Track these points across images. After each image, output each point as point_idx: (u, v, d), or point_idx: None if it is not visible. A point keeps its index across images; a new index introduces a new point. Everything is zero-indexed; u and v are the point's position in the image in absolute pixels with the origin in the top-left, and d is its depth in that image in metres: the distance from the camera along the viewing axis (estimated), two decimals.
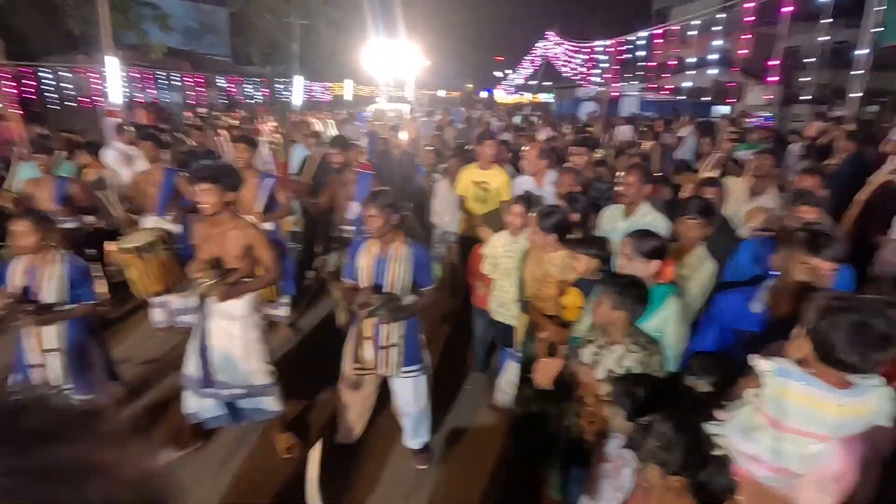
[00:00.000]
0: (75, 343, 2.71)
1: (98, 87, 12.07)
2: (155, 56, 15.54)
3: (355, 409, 3.01)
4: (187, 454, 3.04)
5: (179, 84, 16.66)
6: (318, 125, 9.57)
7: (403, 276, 2.69)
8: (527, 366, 2.95)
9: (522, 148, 4.32)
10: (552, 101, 33.90)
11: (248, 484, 2.91)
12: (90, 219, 4.67)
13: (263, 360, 2.94)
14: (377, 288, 2.66)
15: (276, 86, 22.40)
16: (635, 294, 2.11)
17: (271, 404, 3.05)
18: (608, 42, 9.71)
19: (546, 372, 2.65)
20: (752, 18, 6.56)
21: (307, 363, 4.11)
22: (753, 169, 3.71)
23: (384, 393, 3.09)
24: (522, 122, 12.78)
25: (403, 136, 7.99)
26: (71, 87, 12.81)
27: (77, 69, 12.93)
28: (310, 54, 23.11)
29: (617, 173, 3.63)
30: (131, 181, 4.57)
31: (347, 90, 26.56)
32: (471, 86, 44.59)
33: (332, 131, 10.25)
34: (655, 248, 2.27)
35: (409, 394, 2.91)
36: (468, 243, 4.24)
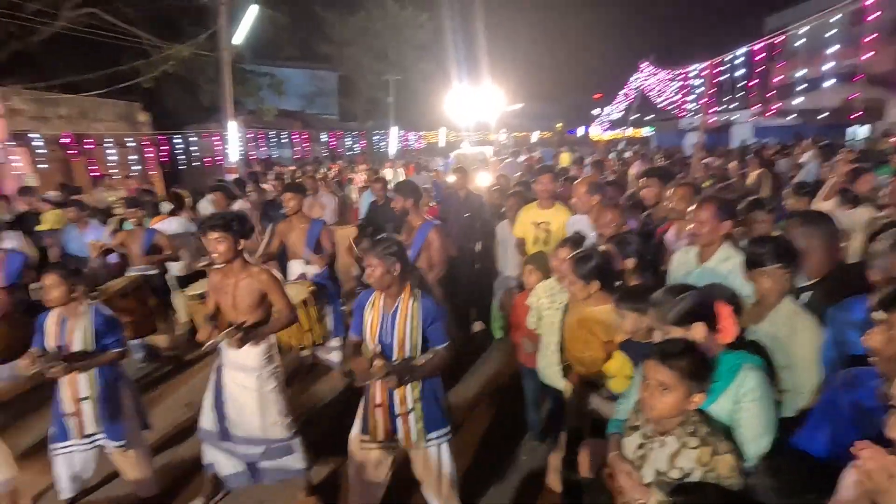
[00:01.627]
0: (107, 390, 2.75)
1: (220, 148, 13.86)
2: (268, 118, 17.51)
3: (365, 487, 2.63)
4: None
5: (288, 141, 18.46)
6: (388, 173, 9.82)
7: (412, 335, 2.37)
8: (574, 443, 2.44)
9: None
10: (652, 134, 32.20)
11: None
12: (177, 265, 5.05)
13: (282, 413, 2.77)
14: (383, 347, 2.37)
15: (374, 137, 23.99)
16: (695, 364, 1.57)
17: (294, 462, 2.85)
18: (703, 65, 8.71)
19: (589, 457, 2.13)
20: (877, 14, 5.43)
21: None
22: (887, 196, 2.89)
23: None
24: (617, 158, 12.06)
25: (483, 179, 7.82)
26: (197, 149, 14.75)
27: (204, 134, 14.89)
28: (404, 106, 24.56)
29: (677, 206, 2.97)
30: None
31: (441, 137, 27.66)
32: (560, 125, 44.25)
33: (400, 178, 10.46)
34: (691, 311, 1.71)
35: (433, 465, 2.53)
36: None
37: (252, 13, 13.59)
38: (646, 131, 35.76)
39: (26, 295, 4.15)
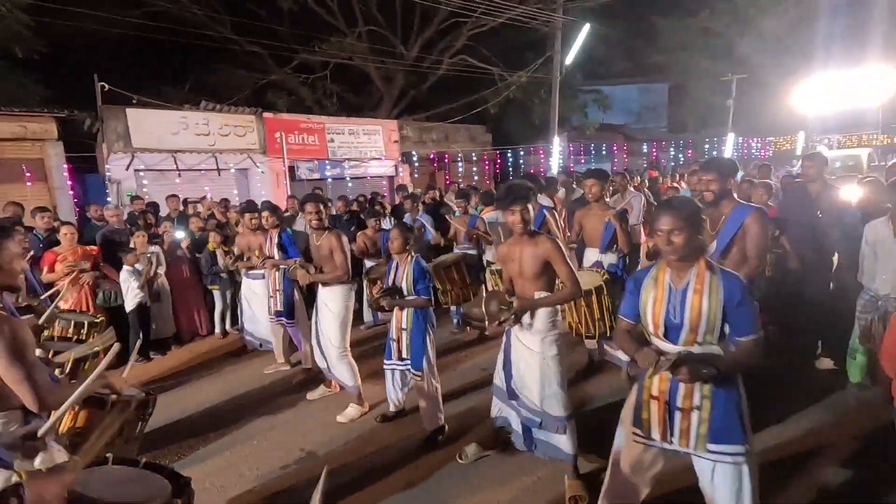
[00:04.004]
0: (415, 327, 3.39)
1: (544, 161, 15.30)
2: (589, 133, 18.12)
3: (626, 485, 2.28)
4: (483, 457, 3.16)
5: (608, 154, 18.61)
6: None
7: (710, 315, 1.91)
8: None
9: None
10: None
11: None
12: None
13: (561, 386, 2.74)
14: (669, 330, 2.00)
15: (705, 146, 21.51)
16: None
17: (565, 445, 2.78)
18: None
19: None
20: None
21: None
22: None
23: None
24: None
25: (851, 192, 5.91)
26: (524, 163, 16.60)
27: (531, 148, 16.66)
28: (748, 109, 21.05)
29: None
30: None
31: (799, 143, 22.37)
32: None
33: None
34: None
35: (724, 486, 2.02)
36: None
37: (584, 32, 14.31)
38: None
39: None
